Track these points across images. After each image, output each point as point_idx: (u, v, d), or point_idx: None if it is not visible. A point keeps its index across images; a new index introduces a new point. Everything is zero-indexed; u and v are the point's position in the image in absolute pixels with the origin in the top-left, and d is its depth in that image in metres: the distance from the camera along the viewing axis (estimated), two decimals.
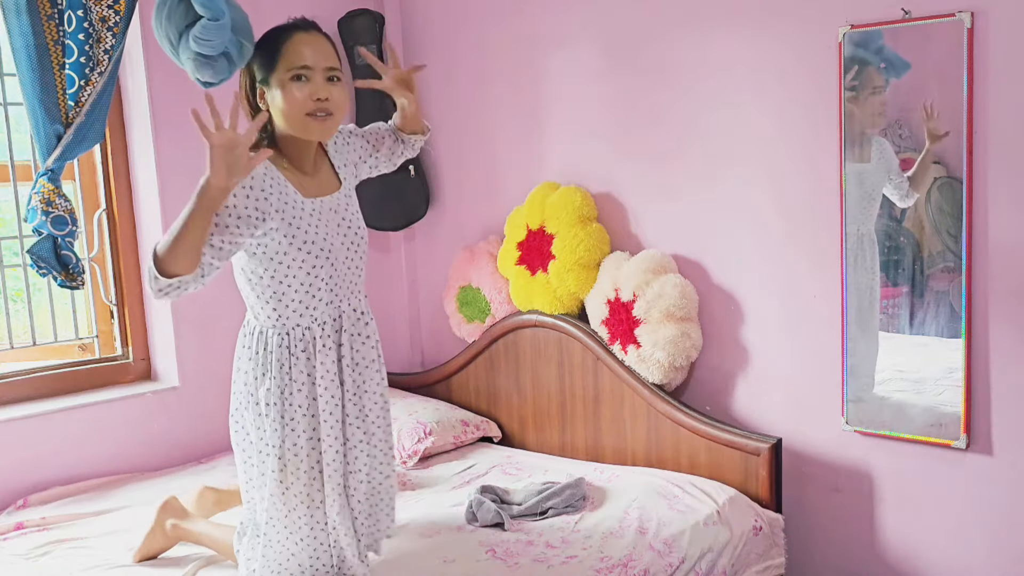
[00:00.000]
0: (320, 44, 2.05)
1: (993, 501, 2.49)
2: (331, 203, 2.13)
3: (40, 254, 2.67)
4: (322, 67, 2.03)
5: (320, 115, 2.03)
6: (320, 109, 2.02)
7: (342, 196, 2.17)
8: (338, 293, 2.13)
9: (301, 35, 2.05)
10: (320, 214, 2.08)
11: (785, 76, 2.70)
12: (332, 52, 2.07)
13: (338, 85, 2.05)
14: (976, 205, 2.41)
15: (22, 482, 2.86)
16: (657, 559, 2.35)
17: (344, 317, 2.15)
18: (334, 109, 2.04)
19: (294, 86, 2.01)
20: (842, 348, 2.68)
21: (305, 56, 2.02)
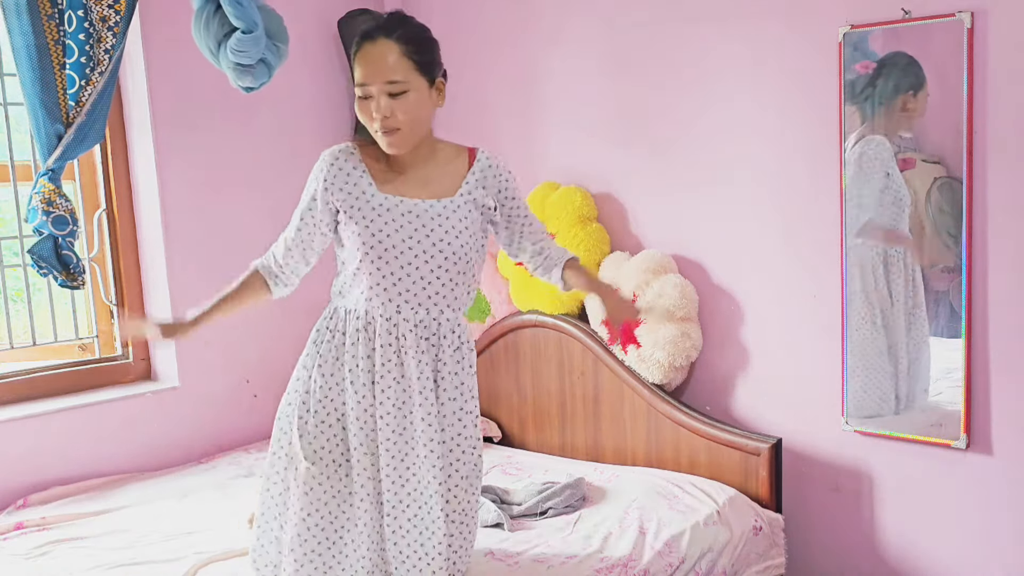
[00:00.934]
0: (380, 55, 1.94)
1: (993, 501, 2.49)
2: (416, 206, 2.02)
3: (41, 254, 2.67)
4: (380, 82, 1.94)
5: (386, 132, 1.97)
6: (383, 127, 1.97)
7: (440, 206, 2.03)
8: (391, 297, 2.01)
9: (365, 47, 1.97)
10: (391, 211, 2.00)
11: (785, 76, 2.70)
12: (394, 62, 1.94)
13: (402, 98, 1.95)
14: (976, 205, 2.41)
15: (22, 482, 2.85)
16: (657, 559, 2.35)
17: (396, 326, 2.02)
18: (400, 124, 1.96)
19: (361, 103, 1.98)
20: (842, 348, 2.67)
21: (363, 74, 1.96)
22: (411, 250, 2.00)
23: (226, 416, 3.33)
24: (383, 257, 2.00)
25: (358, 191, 2.02)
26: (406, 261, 2.00)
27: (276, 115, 3.44)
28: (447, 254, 2.02)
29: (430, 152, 2.08)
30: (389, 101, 1.94)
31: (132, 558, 2.39)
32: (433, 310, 2.04)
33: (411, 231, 2.00)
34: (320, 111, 3.58)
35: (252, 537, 2.18)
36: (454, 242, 2.03)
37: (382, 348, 2.01)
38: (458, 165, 2.10)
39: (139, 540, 2.51)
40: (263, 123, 3.40)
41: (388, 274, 2.00)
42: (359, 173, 2.04)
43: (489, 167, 2.11)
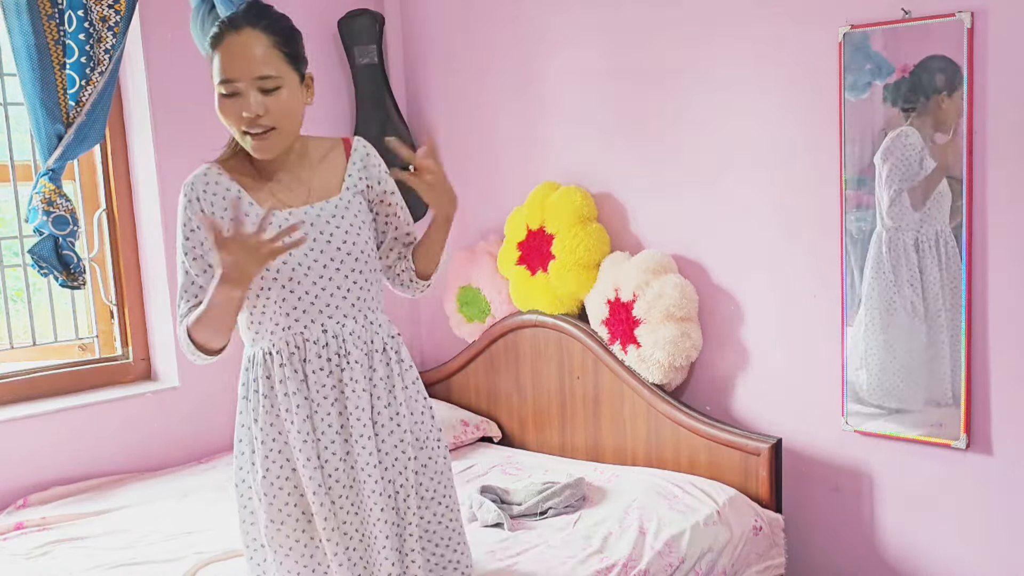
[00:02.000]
0: (247, 47, 1.75)
1: (993, 501, 2.49)
2: (305, 214, 1.85)
3: (41, 254, 2.67)
4: (250, 77, 1.75)
5: (255, 132, 1.78)
6: (253, 126, 1.77)
7: (331, 207, 1.88)
8: (312, 318, 1.84)
9: (229, 38, 1.76)
10: (279, 227, 1.80)
11: (785, 76, 2.70)
12: (264, 54, 1.76)
13: (275, 95, 1.77)
14: (976, 205, 2.41)
15: (22, 482, 2.85)
16: (657, 559, 2.35)
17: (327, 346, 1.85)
18: (274, 122, 1.78)
19: (227, 102, 1.77)
20: (842, 348, 2.68)
21: (228, 68, 1.75)
22: (317, 262, 1.83)
23: (226, 416, 3.31)
24: (293, 277, 1.82)
25: (241, 215, 1.76)
26: (317, 275, 1.83)
27: None
28: (356, 255, 1.87)
29: (301, 151, 1.91)
30: (261, 98, 1.75)
31: (132, 558, 2.39)
32: (359, 316, 1.88)
33: (310, 243, 1.83)
34: (320, 111, 3.58)
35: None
36: (358, 240, 1.88)
37: (315, 375, 1.84)
38: (334, 158, 1.93)
39: (139, 540, 2.51)
40: None
41: (303, 294, 1.83)
42: (234, 195, 1.84)
43: (368, 154, 1.97)
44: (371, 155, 1.97)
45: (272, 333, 1.87)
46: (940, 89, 2.43)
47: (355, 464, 1.86)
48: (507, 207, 3.36)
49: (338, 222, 1.87)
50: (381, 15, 3.58)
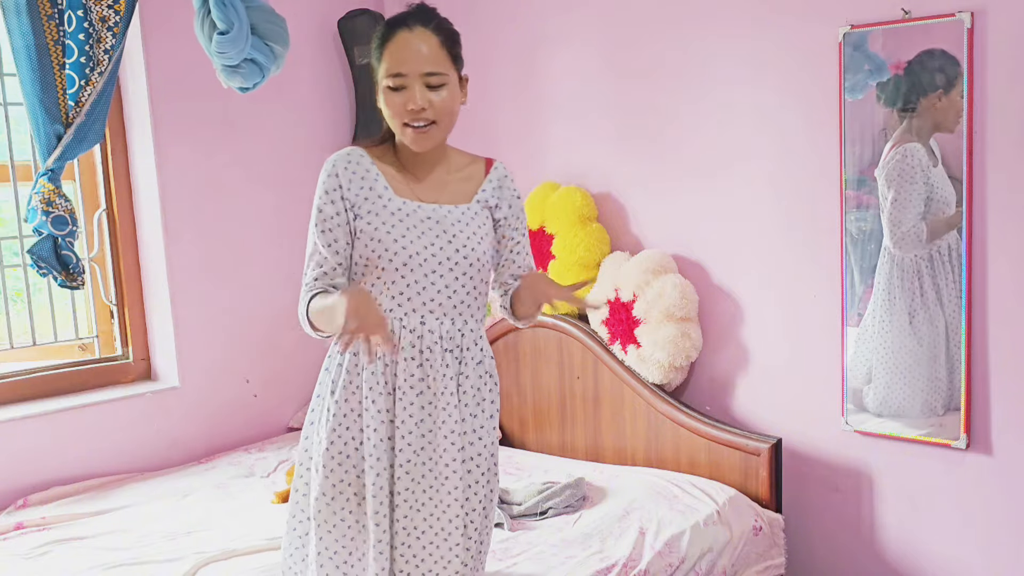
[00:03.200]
0: (421, 45, 1.85)
1: (993, 501, 2.49)
2: (435, 212, 1.91)
3: (40, 254, 2.67)
4: (419, 73, 1.84)
5: (417, 125, 1.85)
6: (416, 119, 1.85)
7: (459, 212, 1.93)
8: (415, 307, 1.88)
9: (401, 35, 1.85)
10: (410, 216, 1.88)
11: (785, 76, 2.70)
12: (434, 52, 1.86)
13: (440, 91, 1.86)
14: (976, 205, 2.41)
15: (22, 482, 2.85)
16: (657, 559, 2.35)
17: (421, 338, 1.88)
18: (436, 117, 1.86)
19: (392, 95, 1.85)
20: (842, 348, 2.68)
21: (400, 62, 1.84)
22: (434, 257, 1.88)
23: (226, 416, 3.33)
24: (408, 264, 1.87)
25: (374, 195, 1.89)
26: (430, 269, 1.88)
27: (276, 115, 3.44)
28: (471, 260, 1.91)
29: (443, 156, 1.98)
30: (427, 93, 1.85)
31: (132, 558, 2.39)
32: (458, 320, 1.91)
33: (432, 237, 1.88)
34: (320, 111, 3.58)
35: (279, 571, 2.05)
36: (477, 248, 1.92)
37: (404, 363, 1.87)
38: (473, 172, 2.01)
39: (139, 540, 2.51)
40: (263, 123, 3.40)
41: (412, 282, 1.87)
42: (373, 176, 1.91)
43: (505, 177, 2.02)
44: (508, 179, 2.02)
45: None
46: (939, 88, 2.42)
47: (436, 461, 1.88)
48: None
49: (462, 227, 1.91)
50: (381, 15, 3.58)
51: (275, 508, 2.70)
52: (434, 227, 1.89)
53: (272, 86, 3.38)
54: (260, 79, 2.63)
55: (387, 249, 1.87)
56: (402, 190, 1.93)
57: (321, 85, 3.58)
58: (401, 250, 1.87)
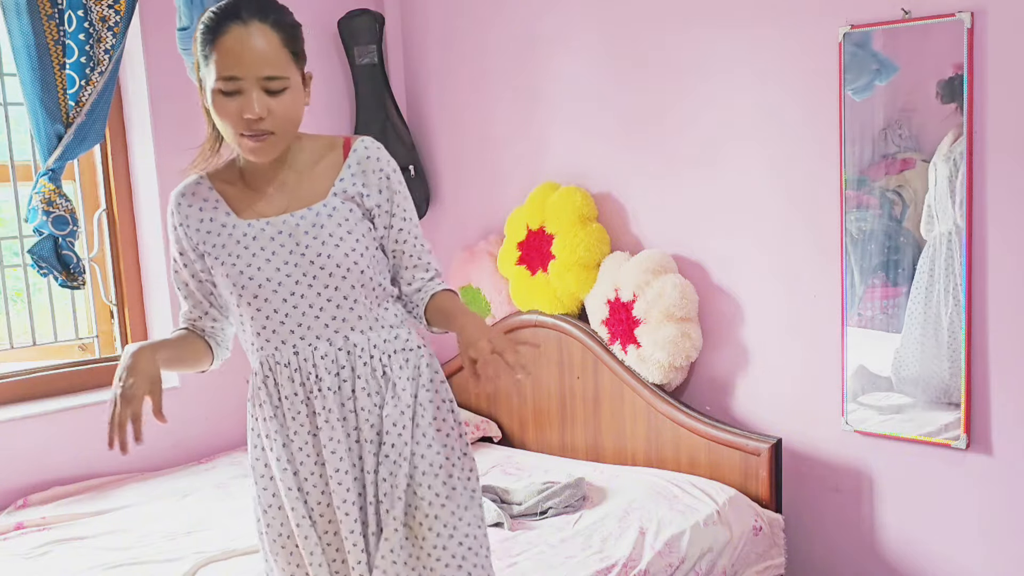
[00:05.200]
0: (255, 42, 1.57)
1: (993, 501, 2.49)
2: (284, 224, 1.68)
3: (41, 254, 2.67)
4: (256, 76, 1.57)
5: (256, 135, 1.60)
6: (254, 130, 1.59)
7: (312, 215, 1.68)
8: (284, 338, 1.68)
9: (233, 31, 1.57)
10: (257, 240, 1.67)
11: (785, 76, 2.70)
12: (274, 52, 1.59)
13: (281, 96, 1.60)
14: (976, 205, 2.41)
15: (22, 482, 2.85)
16: (657, 559, 2.35)
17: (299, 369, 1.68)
18: (275, 126, 1.60)
19: (224, 100, 1.58)
20: (842, 348, 2.68)
21: (231, 64, 1.56)
22: (289, 277, 1.65)
23: (226, 416, 3.32)
24: (259, 295, 1.66)
25: (217, 225, 1.68)
26: (288, 292, 1.66)
27: None
28: (331, 270, 1.66)
29: (293, 155, 1.72)
30: (265, 99, 1.58)
31: (132, 558, 2.39)
32: (336, 338, 1.68)
33: (285, 255, 1.66)
34: (320, 111, 3.58)
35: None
36: (335, 252, 1.66)
37: (288, 400, 1.68)
38: (331, 160, 1.73)
39: (139, 540, 2.51)
40: None
41: (272, 312, 1.66)
42: (212, 205, 1.71)
43: (367, 157, 1.72)
44: (373, 158, 1.73)
45: (251, 352, 1.74)
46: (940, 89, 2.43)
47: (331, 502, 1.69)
48: (507, 207, 3.36)
49: (316, 232, 1.67)
50: (381, 15, 3.58)
51: None
52: (286, 242, 1.66)
53: None
54: None
55: (235, 283, 1.67)
56: (247, 209, 1.70)
57: (321, 85, 3.58)
58: (249, 281, 1.66)
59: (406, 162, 3.59)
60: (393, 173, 1.74)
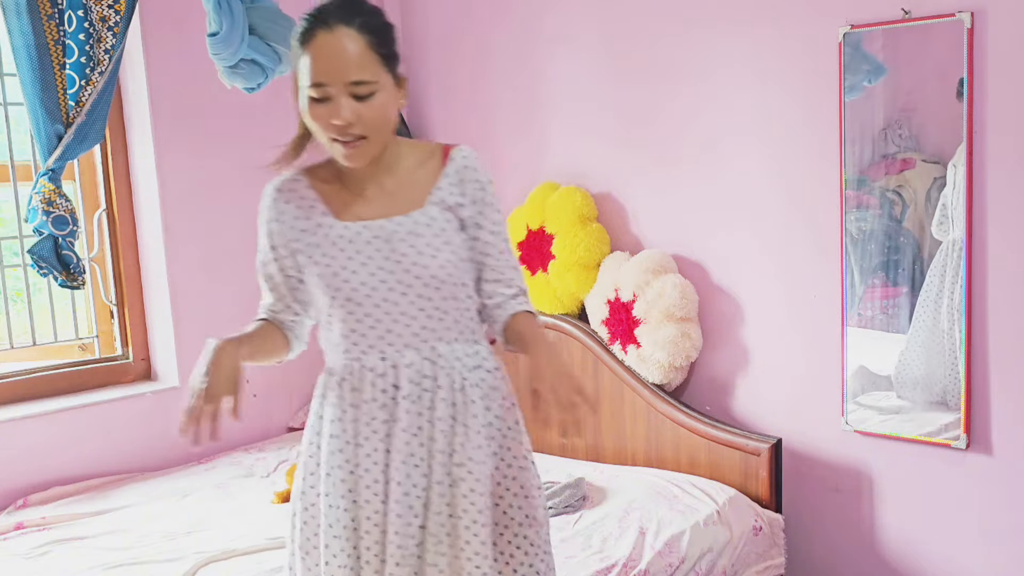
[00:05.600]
0: (341, 48, 1.57)
1: (993, 501, 2.49)
2: (382, 229, 1.66)
3: (41, 254, 2.67)
4: (343, 82, 1.57)
5: (345, 140, 1.60)
6: (345, 136, 1.59)
7: (410, 222, 1.67)
8: (372, 343, 1.67)
9: (320, 38, 1.58)
10: (353, 243, 1.66)
11: (785, 76, 2.70)
12: (359, 57, 1.57)
13: (370, 101, 1.58)
14: (976, 205, 2.41)
15: (22, 482, 2.85)
16: (657, 559, 2.35)
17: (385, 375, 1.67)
18: (366, 131, 1.60)
19: (317, 106, 1.59)
20: (842, 348, 2.67)
21: (320, 71, 1.57)
22: (384, 283, 1.65)
23: (226, 416, 3.32)
24: (352, 299, 1.65)
25: (312, 225, 1.68)
26: (381, 298, 1.65)
27: (276, 115, 3.42)
28: (425, 279, 1.65)
29: (393, 159, 1.72)
30: (354, 105, 1.58)
31: (132, 558, 2.39)
32: (423, 348, 1.67)
33: (381, 261, 1.65)
34: None
35: None
36: (431, 263, 1.65)
37: (366, 405, 1.67)
38: (430, 168, 1.72)
39: (139, 540, 2.51)
40: (263, 123, 3.39)
41: (363, 316, 1.66)
42: (309, 204, 1.71)
43: (466, 167, 1.72)
44: (471, 168, 1.72)
45: (334, 352, 1.72)
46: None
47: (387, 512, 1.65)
48: (507, 207, 3.36)
49: (413, 240, 1.65)
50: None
51: (275, 508, 2.70)
52: (382, 248, 1.65)
53: (272, 85, 3.37)
54: (263, 79, 2.64)
55: (328, 284, 1.66)
56: (346, 211, 1.69)
57: None
58: (343, 283, 1.65)
59: None
60: (488, 184, 1.74)
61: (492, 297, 1.76)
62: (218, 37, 2.47)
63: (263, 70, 2.61)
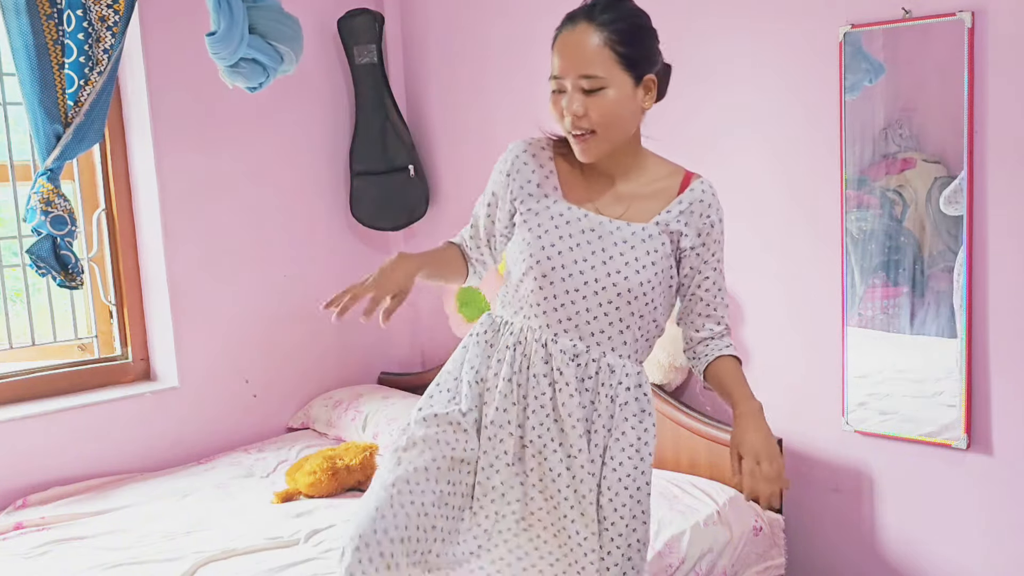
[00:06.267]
0: (577, 43, 1.65)
1: (993, 501, 2.49)
2: (601, 225, 1.71)
3: (39, 254, 2.67)
4: (573, 75, 1.64)
5: (576, 132, 1.68)
6: (574, 128, 1.67)
7: (629, 231, 1.71)
8: (549, 322, 1.71)
9: (564, 32, 1.68)
10: (570, 224, 1.71)
11: (786, 75, 2.70)
12: (592, 52, 1.64)
13: (598, 96, 1.65)
14: (976, 204, 2.41)
15: (22, 482, 2.85)
16: (657, 559, 2.35)
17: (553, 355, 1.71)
18: (594, 126, 1.66)
19: (554, 98, 1.69)
20: (842, 348, 2.67)
21: (557, 64, 1.67)
22: (582, 275, 1.69)
23: (226, 416, 3.32)
24: (548, 276, 1.69)
25: (540, 192, 1.75)
26: (574, 286, 1.69)
27: (275, 115, 3.43)
28: (621, 289, 1.68)
29: (635, 165, 1.77)
30: (582, 98, 1.65)
31: (132, 558, 2.39)
32: (595, 349, 1.71)
33: (587, 252, 1.69)
34: (320, 110, 3.58)
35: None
36: (633, 276, 1.68)
37: (534, 380, 1.71)
38: (667, 187, 1.77)
39: (139, 540, 2.51)
40: (262, 123, 3.40)
41: (551, 296, 1.70)
42: (546, 172, 1.77)
43: (701, 200, 1.74)
44: (705, 203, 1.75)
45: (511, 308, 1.78)
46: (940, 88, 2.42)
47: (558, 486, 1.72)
48: None
49: (623, 248, 1.70)
50: (381, 15, 3.58)
51: (275, 508, 2.70)
52: (594, 241, 1.70)
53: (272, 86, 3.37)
54: (265, 79, 2.64)
55: (531, 255, 1.71)
56: (576, 194, 1.75)
57: (321, 85, 3.58)
58: (545, 259, 1.70)
59: (406, 162, 3.59)
60: (719, 223, 1.77)
61: (700, 330, 1.80)
62: (216, 36, 2.47)
63: (264, 69, 2.61)
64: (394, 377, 3.70)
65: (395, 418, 3.18)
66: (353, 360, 3.68)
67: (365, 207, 3.60)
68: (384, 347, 3.78)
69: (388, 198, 3.59)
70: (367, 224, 3.61)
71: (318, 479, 2.76)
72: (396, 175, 3.59)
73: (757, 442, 1.62)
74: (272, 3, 2.58)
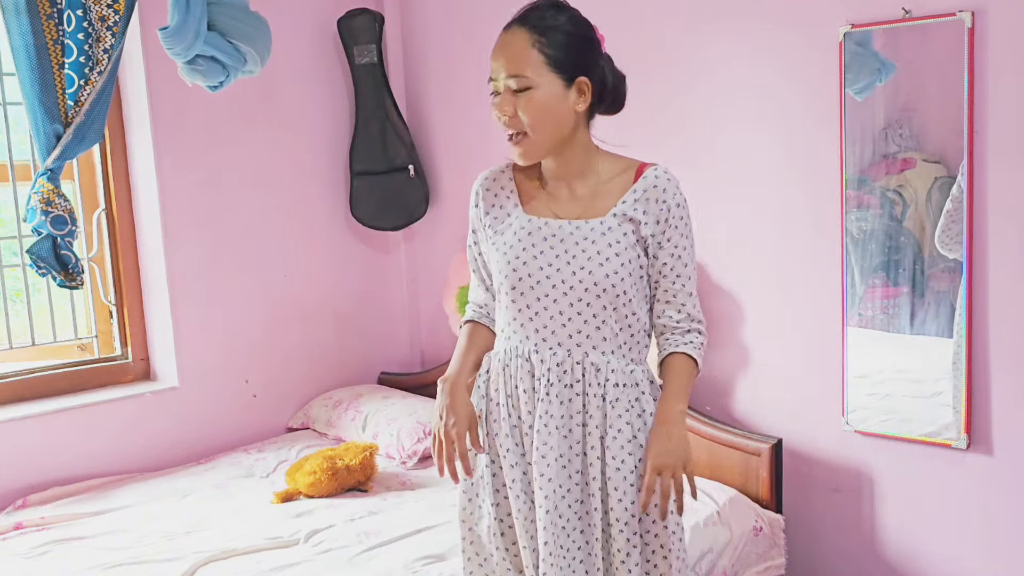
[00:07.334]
0: (508, 45, 1.69)
1: (993, 501, 2.49)
2: (561, 228, 1.74)
3: (39, 254, 2.67)
4: (504, 76, 1.69)
5: (508, 135, 1.72)
6: (508, 128, 1.72)
7: (588, 228, 1.73)
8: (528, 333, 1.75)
9: (501, 36, 1.73)
10: (532, 235, 1.75)
11: (786, 76, 2.70)
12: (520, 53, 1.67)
13: (526, 96, 1.68)
14: (976, 204, 2.41)
15: (22, 482, 2.85)
16: None
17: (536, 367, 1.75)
18: (524, 127, 1.69)
19: (492, 101, 1.73)
20: (842, 348, 2.67)
21: (492, 65, 1.71)
22: (549, 279, 1.72)
23: (226, 416, 3.32)
24: (517, 288, 1.74)
25: (503, 213, 1.80)
26: (543, 292, 1.72)
27: (275, 115, 3.43)
28: (588, 284, 1.70)
29: (589, 166, 1.79)
30: (512, 98, 1.68)
31: (132, 558, 2.39)
32: (576, 351, 1.73)
33: (551, 257, 1.73)
34: (320, 110, 3.58)
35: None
36: (597, 270, 1.70)
37: (525, 395, 1.75)
38: (622, 181, 1.77)
39: (139, 540, 2.51)
40: (262, 123, 3.40)
41: (524, 307, 1.74)
42: (507, 193, 1.82)
43: (654, 187, 1.75)
44: (659, 188, 1.75)
45: (501, 336, 1.84)
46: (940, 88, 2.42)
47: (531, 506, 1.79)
48: None
49: (585, 245, 1.72)
50: (381, 15, 3.58)
51: (274, 508, 2.70)
52: (556, 245, 1.73)
53: (271, 86, 3.38)
54: (225, 78, 2.58)
55: (499, 271, 1.77)
56: (535, 206, 1.79)
57: (321, 85, 3.58)
58: (512, 272, 1.74)
59: (406, 162, 3.59)
60: (676, 207, 1.76)
61: (660, 316, 1.82)
62: (168, 31, 2.42)
63: (224, 68, 2.56)
64: (394, 377, 3.70)
65: (395, 418, 3.18)
66: (353, 360, 3.68)
67: (365, 207, 3.60)
68: (384, 347, 3.78)
69: (388, 198, 3.59)
70: (367, 224, 3.61)
71: (318, 479, 2.76)
72: (396, 175, 3.59)
73: (662, 454, 1.69)
74: (236, 1, 2.53)
